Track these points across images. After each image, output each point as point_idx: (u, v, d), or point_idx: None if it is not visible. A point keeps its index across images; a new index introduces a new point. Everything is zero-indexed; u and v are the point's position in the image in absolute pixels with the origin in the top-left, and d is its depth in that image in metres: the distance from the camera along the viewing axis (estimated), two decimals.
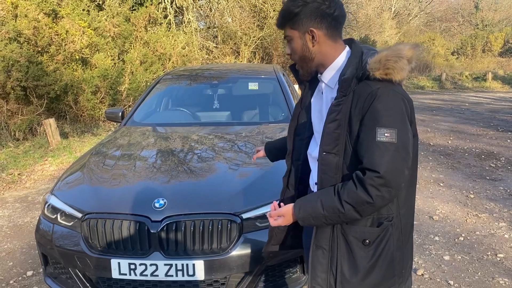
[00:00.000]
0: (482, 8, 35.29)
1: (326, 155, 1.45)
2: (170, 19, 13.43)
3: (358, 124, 1.39)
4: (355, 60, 1.44)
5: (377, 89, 1.37)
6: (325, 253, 1.50)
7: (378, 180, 1.32)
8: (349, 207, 1.37)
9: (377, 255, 1.45)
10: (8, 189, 5.45)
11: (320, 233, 1.51)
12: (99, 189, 2.67)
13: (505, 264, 3.35)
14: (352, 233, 1.45)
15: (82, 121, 9.37)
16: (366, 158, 1.35)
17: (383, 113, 1.35)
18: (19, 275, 3.28)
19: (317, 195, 1.46)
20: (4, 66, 7.82)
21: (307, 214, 1.45)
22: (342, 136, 1.41)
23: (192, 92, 4.72)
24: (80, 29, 9.45)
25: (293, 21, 1.49)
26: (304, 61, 1.54)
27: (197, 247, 2.33)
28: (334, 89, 1.49)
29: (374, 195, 1.33)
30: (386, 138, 1.33)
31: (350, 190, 1.37)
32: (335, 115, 1.41)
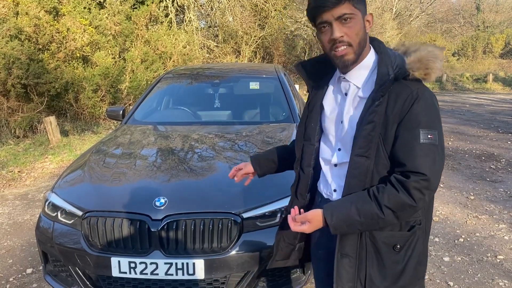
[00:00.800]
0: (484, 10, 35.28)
1: (358, 158, 1.37)
2: (171, 17, 13.44)
3: (395, 126, 1.33)
4: (389, 59, 1.39)
5: (417, 89, 1.33)
6: (352, 260, 1.43)
7: (423, 183, 1.29)
8: (389, 212, 1.31)
9: (406, 259, 1.42)
10: (8, 186, 5.45)
11: (345, 241, 1.42)
12: (100, 187, 2.67)
13: (505, 266, 3.35)
14: (382, 239, 1.40)
15: (82, 119, 9.37)
16: (410, 161, 1.30)
17: (425, 114, 1.31)
18: (18, 273, 3.28)
19: (349, 201, 1.37)
20: (5, 64, 7.81)
21: (341, 221, 1.35)
22: (376, 139, 1.35)
23: (193, 91, 4.72)
24: (81, 27, 9.44)
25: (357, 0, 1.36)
26: (361, 46, 1.40)
27: (197, 246, 2.32)
28: (361, 89, 1.43)
29: (417, 198, 1.29)
30: (430, 140, 1.30)
31: (391, 194, 1.30)
32: (373, 116, 1.34)
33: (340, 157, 1.49)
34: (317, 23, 1.39)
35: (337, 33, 1.35)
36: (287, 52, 18.71)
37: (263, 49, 17.03)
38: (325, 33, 1.38)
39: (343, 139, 1.47)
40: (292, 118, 3.86)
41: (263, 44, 16.58)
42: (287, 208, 1.71)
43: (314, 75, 1.60)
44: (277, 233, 1.71)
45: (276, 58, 17.81)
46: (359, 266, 1.43)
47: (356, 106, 1.44)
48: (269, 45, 17.09)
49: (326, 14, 1.35)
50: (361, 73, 1.44)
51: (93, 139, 7.93)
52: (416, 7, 34.07)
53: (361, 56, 1.42)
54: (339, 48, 1.37)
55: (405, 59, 1.37)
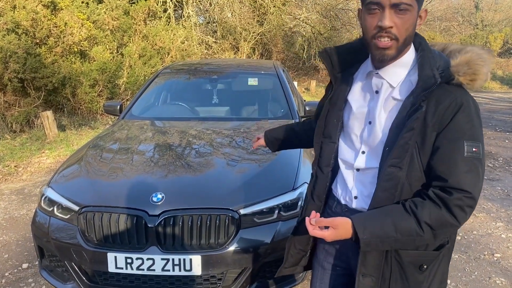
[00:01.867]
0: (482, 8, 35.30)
1: (393, 169, 1.24)
2: (169, 13, 13.38)
3: (434, 135, 1.20)
4: (433, 59, 1.25)
5: (462, 96, 1.20)
6: (375, 281, 1.32)
7: (467, 201, 1.17)
8: (429, 229, 1.19)
9: (431, 278, 1.34)
10: (4, 181, 5.43)
11: (369, 260, 1.31)
12: (97, 182, 2.65)
13: (502, 264, 3.35)
14: (409, 259, 1.30)
15: (79, 114, 9.34)
16: (453, 176, 1.17)
17: (469, 125, 1.19)
18: (14, 268, 3.26)
19: (383, 215, 1.23)
20: (2, 58, 7.76)
21: (375, 237, 1.21)
22: (411, 148, 1.21)
23: (191, 87, 4.69)
24: (79, 21, 9.40)
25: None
26: (408, 40, 1.26)
27: (194, 242, 2.31)
28: (396, 90, 1.29)
29: (460, 217, 1.18)
30: (475, 154, 1.18)
31: (432, 210, 1.18)
32: (415, 123, 1.20)
33: (364, 161, 1.36)
34: (367, 2, 1.23)
35: (387, 21, 1.19)
36: (285, 49, 18.66)
37: (261, 45, 16.99)
38: (373, 16, 1.22)
39: (370, 142, 1.34)
40: (290, 114, 3.85)
41: (261, 40, 16.53)
42: (301, 212, 1.59)
43: (340, 65, 1.44)
44: (288, 239, 1.60)
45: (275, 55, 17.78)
46: (381, 286, 1.34)
47: (388, 108, 1.30)
48: (268, 41, 17.05)
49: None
50: (397, 71, 1.30)
51: (90, 134, 7.90)
52: None
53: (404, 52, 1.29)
54: (383, 38, 1.22)
55: (450, 61, 1.24)
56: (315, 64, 19.14)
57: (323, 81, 18.84)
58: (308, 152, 3.23)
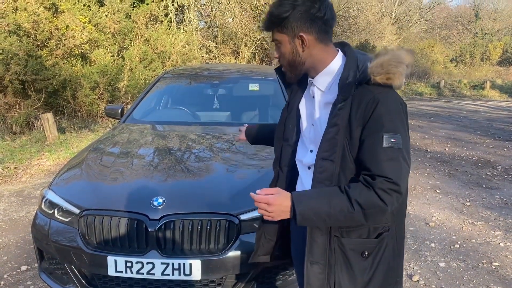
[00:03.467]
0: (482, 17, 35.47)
1: (323, 162, 1.39)
2: (171, 17, 13.42)
3: (359, 130, 1.35)
4: (354, 64, 1.40)
5: (379, 94, 1.34)
6: (322, 267, 1.44)
7: (390, 185, 1.29)
8: (359, 208, 1.31)
9: (374, 266, 1.43)
10: (4, 183, 5.43)
11: (314, 247, 1.44)
12: (97, 186, 2.66)
13: (500, 272, 3.36)
14: (351, 246, 1.42)
15: (79, 116, 9.35)
16: (374, 165, 1.31)
17: (387, 119, 1.32)
18: (13, 270, 3.26)
19: (319, 192, 1.38)
20: (3, 59, 7.78)
21: (309, 209, 1.34)
22: (340, 143, 1.36)
23: (192, 91, 4.71)
24: (81, 24, 9.43)
25: (281, 26, 1.43)
26: (294, 66, 1.49)
27: (194, 246, 2.32)
28: (327, 94, 1.47)
29: (386, 200, 1.30)
30: (393, 144, 1.31)
31: (362, 190, 1.31)
32: (337, 119, 1.36)
33: (311, 158, 1.50)
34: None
35: (275, 53, 1.51)
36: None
37: (262, 51, 17.03)
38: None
39: (315, 141, 1.49)
40: None
41: (262, 45, 16.57)
42: None
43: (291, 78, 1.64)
44: (258, 229, 1.77)
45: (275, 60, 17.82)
46: (328, 273, 1.44)
47: (325, 110, 1.46)
48: (268, 47, 17.07)
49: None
50: (325, 78, 1.48)
51: (90, 137, 7.91)
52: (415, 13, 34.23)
53: (320, 64, 1.47)
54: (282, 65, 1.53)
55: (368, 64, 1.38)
56: None
57: None
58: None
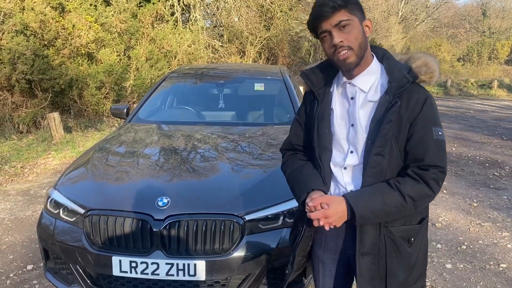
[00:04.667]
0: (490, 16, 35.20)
1: (377, 157, 1.46)
2: (177, 16, 13.45)
3: (408, 126, 1.45)
4: (398, 64, 1.52)
5: (425, 91, 1.48)
6: (373, 258, 1.51)
7: (441, 175, 1.44)
8: (411, 201, 1.42)
9: (417, 251, 1.56)
10: (10, 181, 5.46)
11: (365, 240, 1.50)
12: (103, 186, 2.66)
13: (507, 274, 3.32)
14: (399, 233, 1.51)
15: (86, 116, 9.39)
16: (428, 156, 1.43)
17: (434, 114, 1.47)
18: (19, 269, 3.27)
19: (372, 191, 1.45)
20: (10, 59, 7.83)
21: (367, 209, 1.42)
22: (390, 138, 1.45)
23: (197, 91, 4.71)
24: (87, 23, 9.46)
25: (353, 6, 1.45)
26: (362, 49, 1.48)
27: (199, 247, 2.31)
28: (369, 93, 1.51)
29: (435, 188, 1.43)
30: (441, 136, 1.45)
31: (413, 184, 1.43)
32: (393, 116, 1.44)
33: (352, 159, 1.54)
34: (319, 34, 1.50)
35: (337, 39, 1.44)
36: (291, 54, 18.68)
37: (267, 50, 17.00)
38: (326, 41, 1.48)
39: (355, 141, 1.53)
40: None
41: (268, 45, 16.55)
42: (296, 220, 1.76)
43: (319, 83, 1.64)
44: (292, 250, 1.71)
45: (281, 60, 17.79)
46: (379, 262, 1.51)
47: (365, 109, 1.51)
48: (274, 46, 17.06)
49: (325, 24, 1.45)
50: (367, 78, 1.52)
51: (96, 136, 7.94)
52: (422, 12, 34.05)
53: (365, 62, 1.51)
54: (341, 52, 1.45)
55: (409, 65, 1.51)
56: None
57: None
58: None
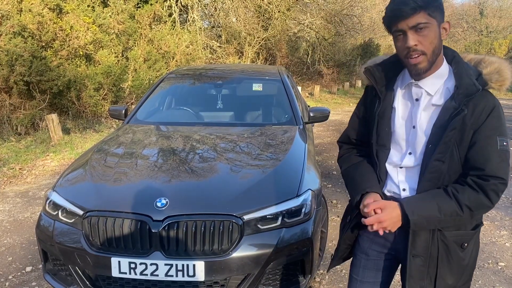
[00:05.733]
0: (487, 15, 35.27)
1: (436, 163, 1.44)
2: (174, 17, 13.45)
3: (471, 133, 1.41)
4: (469, 70, 1.45)
5: (493, 99, 1.42)
6: (424, 260, 1.51)
7: (501, 186, 1.40)
8: (468, 210, 1.41)
9: (469, 255, 1.54)
10: (9, 183, 5.45)
11: (417, 242, 1.50)
12: (101, 187, 2.66)
13: (506, 273, 3.33)
14: (453, 238, 1.50)
15: (84, 117, 9.37)
16: (489, 166, 1.39)
17: (500, 123, 1.41)
18: (18, 271, 3.27)
19: (429, 198, 1.44)
20: (8, 60, 7.81)
21: (422, 217, 1.42)
22: (452, 144, 1.42)
23: (195, 92, 4.71)
24: (85, 25, 9.45)
25: (433, 8, 1.38)
26: (435, 53, 1.42)
27: (198, 247, 2.32)
28: (435, 97, 1.47)
29: (494, 199, 1.40)
30: (505, 146, 1.41)
31: (471, 194, 1.40)
32: (458, 123, 1.40)
33: (410, 161, 1.53)
34: (393, 31, 1.44)
35: (411, 41, 1.38)
36: (289, 54, 18.70)
37: (266, 50, 17.02)
38: (400, 40, 1.43)
39: (415, 143, 1.51)
40: (294, 120, 3.85)
41: (266, 45, 16.57)
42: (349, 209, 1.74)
43: (382, 80, 1.60)
44: (341, 237, 1.75)
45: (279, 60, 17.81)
46: (430, 264, 1.51)
47: (428, 112, 1.48)
48: (272, 46, 17.09)
49: (401, 23, 1.39)
50: (435, 81, 1.48)
51: (95, 137, 7.93)
52: None
53: (435, 65, 1.45)
54: (413, 56, 1.41)
55: (479, 70, 1.44)
56: (319, 69, 19.16)
57: (327, 86, 18.85)
58: (312, 159, 3.23)
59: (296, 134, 3.50)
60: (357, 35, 21.72)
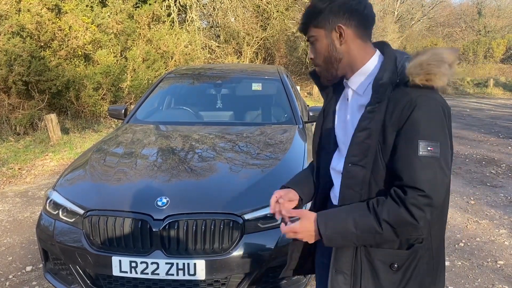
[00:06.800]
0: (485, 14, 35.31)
1: (352, 167, 1.29)
2: (173, 17, 13.43)
3: (394, 135, 1.23)
4: (390, 64, 1.29)
5: (417, 97, 1.21)
6: (347, 278, 1.34)
7: (422, 200, 1.17)
8: (388, 227, 1.21)
9: (405, 280, 1.30)
10: (8, 183, 5.45)
11: (340, 256, 1.34)
12: (102, 186, 2.66)
13: (505, 271, 3.34)
14: (379, 257, 1.30)
15: (83, 117, 9.37)
16: (407, 175, 1.19)
17: (424, 125, 1.20)
18: (18, 270, 3.27)
19: (345, 212, 1.28)
20: (7, 60, 7.81)
21: (335, 233, 1.26)
22: (373, 148, 1.26)
23: (195, 91, 4.72)
24: (84, 25, 9.45)
25: (318, 19, 1.33)
26: (330, 63, 1.37)
27: (198, 246, 2.32)
28: (363, 96, 1.35)
29: (418, 216, 1.18)
30: (429, 152, 1.18)
31: (391, 208, 1.20)
32: (367, 122, 1.27)
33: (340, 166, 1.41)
34: None
35: (310, 54, 1.42)
36: (288, 54, 18.71)
37: (264, 50, 17.03)
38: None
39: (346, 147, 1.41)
40: (294, 119, 3.86)
41: (264, 45, 16.57)
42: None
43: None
44: (291, 243, 1.63)
45: (278, 59, 17.82)
46: (354, 284, 1.34)
47: (356, 113, 1.36)
48: (271, 46, 17.09)
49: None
50: (359, 79, 1.37)
51: (94, 137, 7.93)
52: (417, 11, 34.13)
53: (360, 62, 1.36)
54: (315, 67, 1.43)
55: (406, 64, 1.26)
56: None
57: None
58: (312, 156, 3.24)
59: (295, 133, 3.51)
60: None
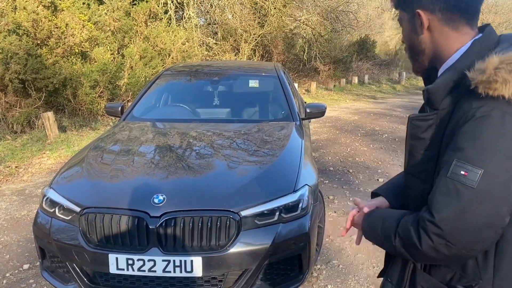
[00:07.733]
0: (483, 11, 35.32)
1: (410, 177, 1.17)
2: (170, 14, 13.40)
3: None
4: (468, 59, 1.04)
5: (479, 107, 0.97)
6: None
7: (431, 227, 0.99)
8: (399, 240, 1.08)
9: None
10: (5, 181, 5.43)
11: (392, 266, 1.28)
12: (98, 184, 2.66)
13: None
14: (422, 282, 1.15)
15: (80, 115, 9.34)
16: (431, 193, 1.02)
17: (471, 143, 0.96)
18: (15, 268, 3.27)
19: (385, 214, 1.23)
20: (3, 58, 7.78)
21: (369, 229, 1.24)
22: (432, 160, 1.08)
23: (192, 88, 4.71)
24: (80, 22, 9.41)
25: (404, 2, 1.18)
26: (413, 52, 1.20)
27: (195, 243, 2.32)
28: None
29: (423, 241, 1.00)
30: (461, 177, 0.96)
31: (406, 223, 1.07)
32: (416, 131, 1.11)
33: None
34: None
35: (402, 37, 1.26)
36: (286, 51, 18.68)
37: (262, 47, 16.99)
38: None
39: None
40: (291, 116, 3.86)
41: (262, 42, 16.54)
42: None
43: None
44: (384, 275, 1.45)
45: (275, 56, 17.80)
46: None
47: None
48: (268, 43, 17.06)
49: None
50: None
51: (91, 135, 7.91)
52: None
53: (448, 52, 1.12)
54: None
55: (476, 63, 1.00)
56: (316, 66, 19.16)
57: (324, 83, 18.84)
58: (309, 154, 3.24)
59: (292, 130, 3.51)
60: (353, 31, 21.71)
